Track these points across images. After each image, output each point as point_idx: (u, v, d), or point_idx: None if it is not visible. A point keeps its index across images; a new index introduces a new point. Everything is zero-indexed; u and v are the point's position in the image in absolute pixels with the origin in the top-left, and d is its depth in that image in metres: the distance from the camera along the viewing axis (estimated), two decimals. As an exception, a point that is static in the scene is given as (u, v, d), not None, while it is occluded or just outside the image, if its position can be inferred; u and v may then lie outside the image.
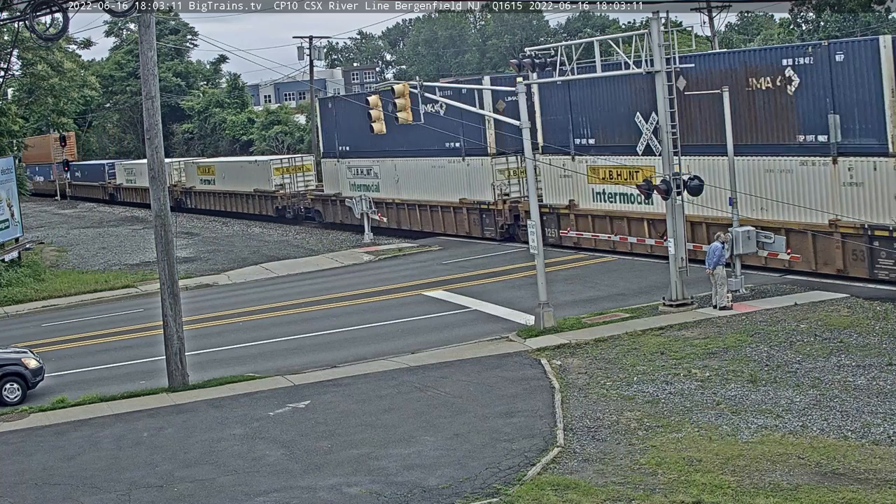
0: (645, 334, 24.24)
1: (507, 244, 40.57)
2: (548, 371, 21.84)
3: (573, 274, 33.32)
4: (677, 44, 27.62)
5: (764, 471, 15.16)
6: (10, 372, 23.74)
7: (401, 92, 28.86)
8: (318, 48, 71.38)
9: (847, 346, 21.70)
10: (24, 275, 42.45)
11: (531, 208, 26.71)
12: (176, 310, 23.51)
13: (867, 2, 48.84)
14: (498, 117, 29.69)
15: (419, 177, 45.72)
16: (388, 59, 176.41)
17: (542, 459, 16.34)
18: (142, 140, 46.34)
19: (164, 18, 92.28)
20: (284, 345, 27.66)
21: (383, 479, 16.11)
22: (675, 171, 26.56)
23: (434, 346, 25.45)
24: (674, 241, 26.55)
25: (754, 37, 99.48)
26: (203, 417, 20.75)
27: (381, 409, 20.18)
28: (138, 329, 31.25)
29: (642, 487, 14.86)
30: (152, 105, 23.30)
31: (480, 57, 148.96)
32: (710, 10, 59.72)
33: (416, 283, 34.59)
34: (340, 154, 51.76)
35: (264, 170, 59.97)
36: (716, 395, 19.11)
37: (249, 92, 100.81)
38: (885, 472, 14.83)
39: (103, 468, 17.98)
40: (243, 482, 16.62)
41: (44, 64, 55.35)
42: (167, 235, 23.64)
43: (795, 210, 28.44)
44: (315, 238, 51.05)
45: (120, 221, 67.96)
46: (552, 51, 28.39)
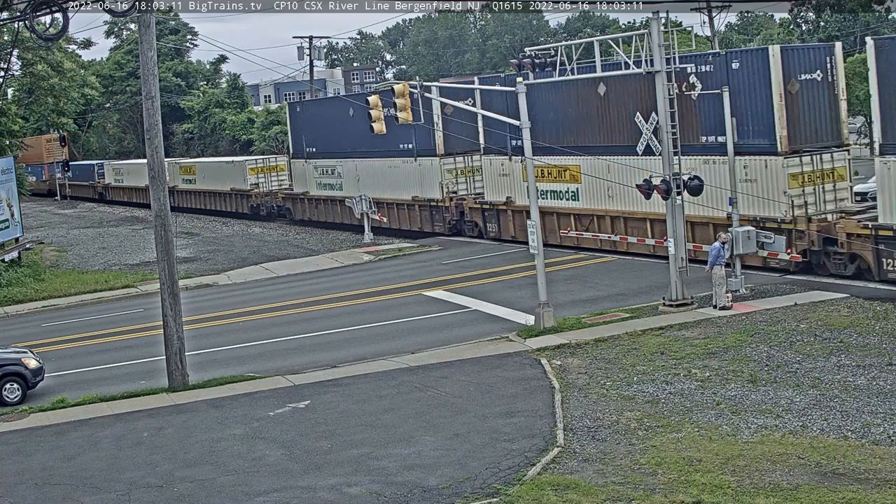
0: (645, 334, 24.24)
1: (454, 238, 42.95)
2: (548, 371, 21.84)
3: (573, 274, 33.33)
4: (677, 44, 27.64)
5: (764, 471, 15.16)
6: (10, 372, 23.73)
7: (401, 92, 28.84)
8: (318, 48, 71.48)
9: (847, 346, 21.71)
10: (24, 275, 42.44)
11: (531, 208, 26.69)
12: (176, 310, 23.51)
13: (867, 2, 48.86)
14: (497, 116, 29.71)
15: (377, 176, 48.72)
16: (388, 59, 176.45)
17: (542, 459, 16.34)
18: (142, 140, 46.43)
19: (164, 18, 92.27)
20: (284, 345, 27.66)
21: (383, 479, 16.11)
22: (676, 171, 26.57)
23: (434, 346, 25.45)
24: (674, 241, 26.56)
25: (754, 37, 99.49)
26: (203, 417, 20.75)
27: (381, 409, 20.19)
28: (138, 329, 31.25)
29: (642, 487, 14.86)
30: (152, 105, 23.30)
31: (480, 57, 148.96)
32: (710, 10, 59.74)
33: (416, 283, 34.59)
34: (308, 155, 54.85)
35: (240, 170, 62.96)
36: (716, 395, 19.12)
37: (249, 92, 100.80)
38: (885, 472, 14.83)
39: (103, 468, 17.98)
40: (243, 482, 16.63)
41: (44, 64, 55.29)
42: (167, 235, 23.64)
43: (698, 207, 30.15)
44: (315, 238, 51.07)
45: (120, 221, 67.96)
46: (552, 51, 28.42)
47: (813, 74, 29.92)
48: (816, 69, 29.96)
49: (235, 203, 63.71)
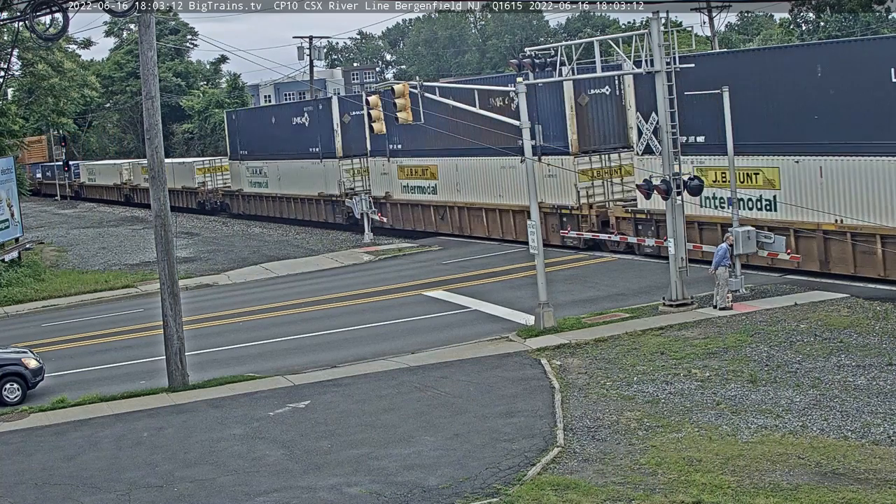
0: (645, 334, 24.24)
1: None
2: (548, 371, 21.84)
3: (573, 274, 33.33)
4: (677, 44, 27.64)
5: (764, 471, 15.16)
6: (10, 372, 23.73)
7: (401, 92, 28.85)
8: (318, 48, 71.53)
9: (847, 346, 21.70)
10: (24, 275, 42.45)
11: (531, 208, 26.69)
12: (176, 310, 23.51)
13: (867, 2, 48.87)
14: (496, 117, 29.70)
15: (293, 176, 56.65)
16: (388, 59, 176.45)
17: (542, 459, 16.34)
18: (142, 140, 46.62)
19: (163, 18, 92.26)
20: (284, 345, 27.66)
21: (383, 479, 16.11)
22: (675, 171, 26.58)
23: (434, 346, 25.45)
24: (674, 240, 26.55)
25: (754, 37, 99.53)
26: (203, 417, 20.76)
27: (381, 409, 20.19)
28: (138, 329, 31.26)
29: (642, 487, 14.86)
30: (152, 105, 23.30)
31: (480, 57, 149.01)
32: (710, 10, 59.76)
33: (416, 283, 34.60)
34: (241, 157, 63.04)
35: (189, 170, 71.02)
36: (716, 395, 19.12)
37: (249, 92, 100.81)
38: (885, 472, 14.83)
39: (103, 468, 17.98)
40: (243, 482, 16.63)
41: (44, 64, 55.31)
42: (167, 235, 23.64)
43: (517, 197, 38.56)
44: (315, 238, 51.11)
45: (120, 221, 68.03)
46: (552, 51, 28.40)
47: (602, 90, 36.52)
48: (605, 85, 36.36)
49: (186, 199, 71.71)
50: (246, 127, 63.02)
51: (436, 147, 42.96)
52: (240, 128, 63.54)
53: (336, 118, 51.49)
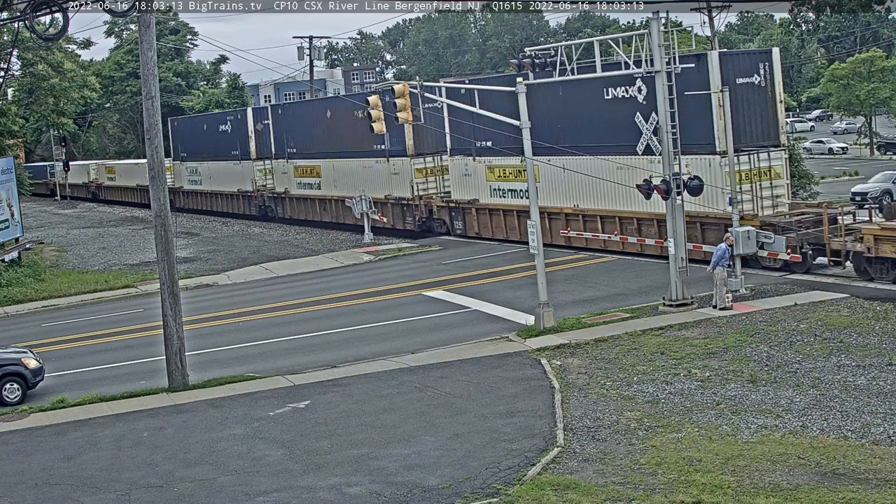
0: (645, 334, 24.24)
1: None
2: (548, 371, 21.84)
3: (573, 274, 33.33)
4: (677, 44, 27.64)
5: (764, 471, 15.16)
6: (10, 372, 23.73)
7: (400, 92, 28.84)
8: (318, 48, 71.44)
9: (847, 346, 21.71)
10: (24, 275, 42.43)
11: (531, 209, 26.69)
12: (176, 310, 23.51)
13: (867, 2, 48.86)
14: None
15: (220, 174, 66.04)
16: (388, 59, 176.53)
17: (542, 459, 16.34)
18: (142, 140, 46.65)
19: (163, 18, 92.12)
20: (284, 345, 27.66)
21: (383, 479, 16.11)
22: (675, 171, 26.57)
23: (434, 346, 25.45)
24: (674, 241, 26.55)
25: (754, 37, 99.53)
26: (203, 417, 20.75)
27: (381, 409, 20.19)
28: (138, 329, 31.25)
29: (642, 487, 14.86)
30: (152, 105, 23.30)
31: (480, 57, 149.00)
32: (710, 10, 59.69)
33: (416, 283, 34.59)
34: (182, 158, 72.23)
35: (143, 170, 71.30)
36: (716, 395, 19.12)
37: (249, 92, 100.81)
38: (885, 472, 14.83)
39: (103, 468, 17.98)
40: (243, 482, 16.63)
41: (44, 64, 55.30)
42: (167, 235, 23.64)
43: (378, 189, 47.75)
44: (315, 238, 51.09)
45: (120, 221, 68.04)
46: (552, 51, 28.40)
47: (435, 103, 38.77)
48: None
49: (141, 196, 76.08)
50: (184, 132, 72.45)
51: (322, 150, 52.95)
52: (181, 131, 72.91)
53: (251, 126, 60.90)
